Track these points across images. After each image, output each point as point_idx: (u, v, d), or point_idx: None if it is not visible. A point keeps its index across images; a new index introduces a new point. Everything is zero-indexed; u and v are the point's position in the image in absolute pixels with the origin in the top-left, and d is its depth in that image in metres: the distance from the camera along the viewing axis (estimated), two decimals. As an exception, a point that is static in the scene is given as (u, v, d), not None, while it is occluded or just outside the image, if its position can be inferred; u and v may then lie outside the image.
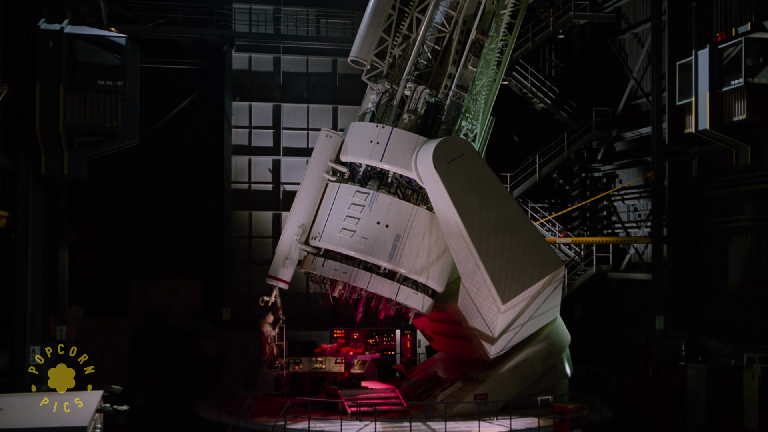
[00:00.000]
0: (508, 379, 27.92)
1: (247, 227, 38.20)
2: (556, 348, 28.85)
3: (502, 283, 25.92)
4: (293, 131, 38.73)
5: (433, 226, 27.38)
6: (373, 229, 26.87)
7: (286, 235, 28.30)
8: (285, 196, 38.32)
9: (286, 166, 38.57)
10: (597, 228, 39.60)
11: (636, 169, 37.07)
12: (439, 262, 27.68)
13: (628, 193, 37.78)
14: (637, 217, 37.14)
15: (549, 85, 39.91)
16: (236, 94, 37.87)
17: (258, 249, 38.25)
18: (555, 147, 38.44)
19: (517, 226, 26.66)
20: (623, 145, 38.31)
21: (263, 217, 38.41)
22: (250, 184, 38.29)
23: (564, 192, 41.51)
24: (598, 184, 39.70)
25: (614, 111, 38.14)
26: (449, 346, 30.53)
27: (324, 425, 25.47)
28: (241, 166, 38.23)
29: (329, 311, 37.27)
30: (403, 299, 27.24)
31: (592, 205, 39.83)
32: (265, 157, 38.40)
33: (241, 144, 38.18)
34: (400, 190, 28.12)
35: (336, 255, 27.40)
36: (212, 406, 28.10)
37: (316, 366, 29.91)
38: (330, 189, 28.33)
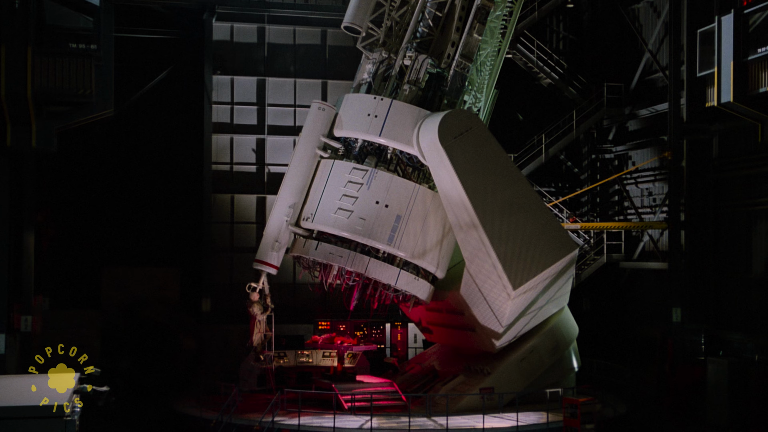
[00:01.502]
0: (514, 372, 27.92)
1: (229, 212, 38.00)
2: (564, 340, 28.90)
3: (512, 267, 25.76)
4: (279, 108, 38.51)
5: (435, 207, 27.19)
6: (372, 210, 26.64)
7: (274, 216, 28.00)
8: (270, 178, 38.10)
9: (271, 145, 38.33)
10: (608, 214, 39.48)
11: (651, 149, 36.94)
12: (441, 245, 27.51)
13: (642, 175, 37.63)
14: (652, 202, 36.99)
15: (556, 59, 39.74)
16: (217, 67, 37.64)
17: (241, 235, 38.05)
18: (562, 126, 38.32)
19: (528, 206, 26.49)
20: (637, 123, 38.13)
21: (246, 201, 38.18)
22: (231, 165, 38.10)
23: (572, 175, 41.36)
24: (609, 167, 39.57)
25: (627, 87, 38.01)
26: (448, 337, 30.43)
27: (320, 421, 25.28)
28: (223, 145, 37.99)
29: (316, 303, 37.21)
30: (403, 285, 27.02)
31: (603, 188, 39.68)
32: (249, 135, 38.21)
33: (222, 121, 37.95)
34: (400, 168, 27.86)
35: (330, 237, 27.15)
36: (192, 401, 27.93)
37: (302, 360, 29.79)
38: (323, 166, 28.04)
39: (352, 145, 28.13)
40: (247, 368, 28.85)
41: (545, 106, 40.19)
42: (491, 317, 27.03)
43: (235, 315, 36.28)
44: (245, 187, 38.14)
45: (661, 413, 31.27)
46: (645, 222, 36.29)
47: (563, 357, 28.90)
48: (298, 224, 27.91)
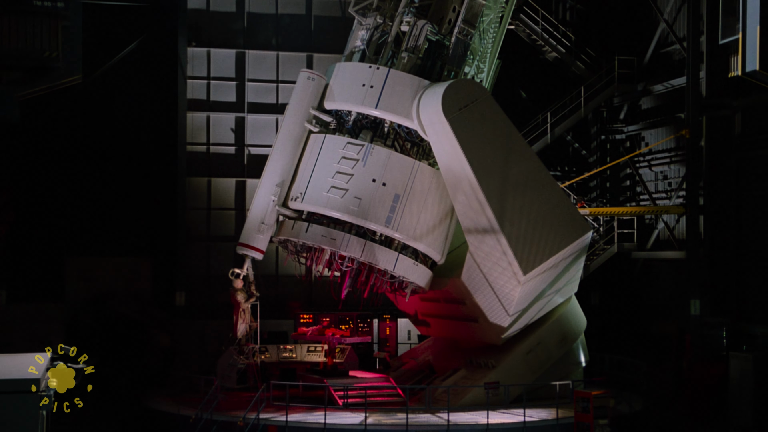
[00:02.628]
0: (520, 365, 28.11)
1: (206, 197, 37.85)
2: (572, 331, 29.10)
3: (523, 250, 25.77)
4: (260, 84, 38.36)
5: (436, 185, 27.16)
6: (368, 188, 26.58)
7: (260, 196, 27.92)
8: (251, 160, 37.93)
9: (251, 124, 38.16)
10: (618, 200, 39.28)
11: (666, 128, 36.74)
12: (442, 227, 27.55)
13: (656, 157, 37.44)
14: (667, 187, 36.83)
15: (563, 31, 39.47)
16: (192, 38, 37.43)
17: (218, 223, 37.88)
18: (569, 104, 38.02)
19: (539, 184, 26.53)
20: (651, 101, 37.95)
21: (224, 186, 38.02)
22: (208, 145, 37.96)
23: (580, 157, 41.13)
24: (620, 148, 39.36)
25: (640, 61, 37.78)
26: (446, 330, 30.46)
27: (313, 417, 25.14)
28: (198, 124, 37.76)
29: (301, 295, 37.18)
30: (401, 271, 26.95)
31: (613, 172, 39.47)
32: (227, 114, 38.08)
33: (197, 98, 37.76)
34: (398, 143, 27.77)
35: (322, 219, 27.01)
36: (168, 399, 27.99)
37: (286, 355, 29.84)
38: (313, 141, 27.93)
39: (345, 119, 28.01)
40: (226, 364, 28.70)
41: (550, 83, 39.91)
42: (497, 306, 27.05)
43: (212, 309, 36.29)
44: (223, 170, 37.98)
45: (678, 412, 31.06)
46: (660, 206, 36.06)
47: (570, 351, 29.06)
48: (285, 205, 27.74)
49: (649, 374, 30.78)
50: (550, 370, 28.41)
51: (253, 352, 28.27)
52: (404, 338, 36.18)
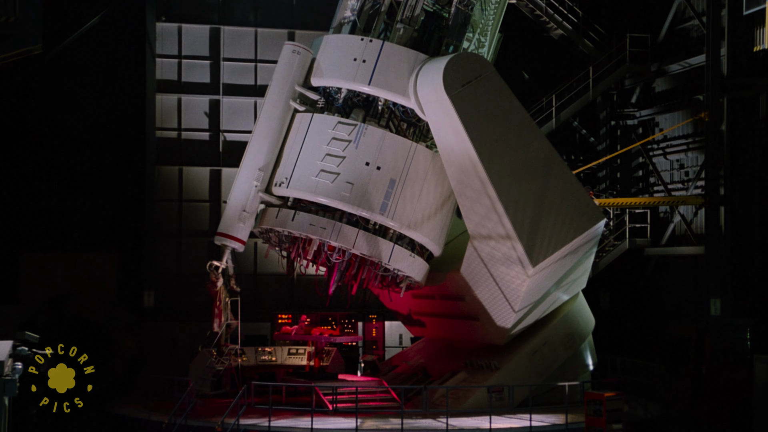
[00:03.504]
0: (526, 367, 28.21)
1: (177, 187, 37.78)
2: (580, 330, 29.32)
3: (531, 239, 25.73)
4: (237, 63, 38.32)
5: (434, 170, 27.15)
6: (361, 172, 26.51)
7: (241, 181, 27.70)
8: (226, 147, 37.86)
9: (227, 108, 38.13)
10: (630, 192, 39.40)
11: (683, 112, 36.88)
12: (440, 216, 27.57)
13: (671, 144, 37.59)
14: (684, 176, 37.01)
15: (569, 6, 39.51)
16: (161, 12, 37.30)
17: (191, 216, 37.82)
18: (576, 86, 38.09)
19: (548, 168, 26.52)
20: (666, 82, 38.09)
21: (198, 175, 37.96)
22: (180, 131, 37.90)
23: (587, 144, 41.27)
24: (632, 135, 39.48)
25: (654, 38, 37.95)
26: (443, 329, 30.51)
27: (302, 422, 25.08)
28: (169, 107, 37.69)
29: (282, 295, 37.14)
30: (397, 264, 26.85)
31: (624, 160, 39.63)
32: (200, 96, 38.02)
33: (168, 79, 37.71)
34: (393, 123, 27.63)
35: (310, 206, 26.88)
36: (138, 405, 27.94)
37: (264, 358, 29.80)
38: (299, 121, 27.78)
39: (334, 97, 27.89)
40: (202, 366, 28.49)
41: (556, 63, 40.03)
42: (501, 302, 27.06)
43: (184, 311, 36.23)
44: (196, 158, 37.88)
45: (698, 420, 31.17)
46: (677, 197, 36.15)
47: (577, 353, 29.28)
48: (268, 191, 27.64)
49: (666, 378, 30.86)
50: (555, 374, 28.53)
51: (233, 353, 28.07)
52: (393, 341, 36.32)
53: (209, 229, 37.10)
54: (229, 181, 36.05)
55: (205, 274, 35.70)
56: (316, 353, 29.30)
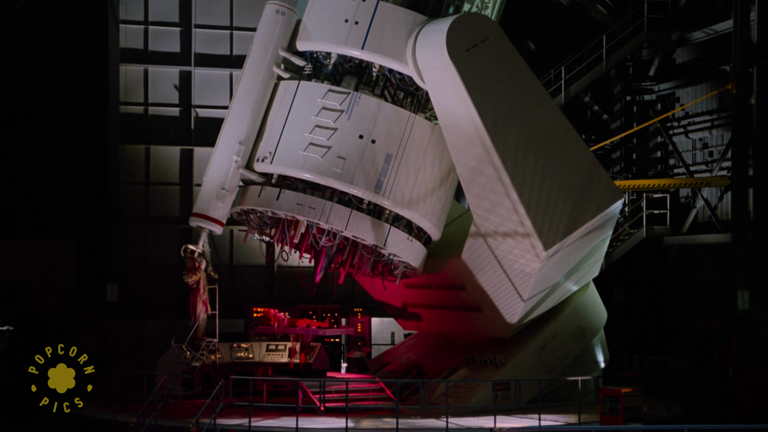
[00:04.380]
0: (534, 362, 28.47)
1: (143, 169, 37.84)
2: (591, 323, 29.56)
3: (543, 220, 25.74)
4: (210, 31, 38.34)
5: (434, 144, 27.26)
6: (355, 146, 26.51)
7: (219, 156, 27.69)
8: (199, 125, 37.89)
9: (200, 81, 38.15)
10: (647, 175, 39.45)
11: (707, 85, 36.93)
12: (440, 196, 27.68)
13: (694, 121, 37.62)
14: (708, 157, 37.06)
15: (581, -33, 39.59)
16: (125, -29, 37.43)
17: (159, 201, 37.86)
18: (588, 57, 38.03)
19: (562, 141, 26.52)
20: (687, 52, 38.14)
21: (167, 155, 38.01)
22: (146, 106, 37.93)
23: (600, 122, 41.25)
24: (649, 111, 39.46)
25: (675, 3, 37.94)
26: (440, 323, 30.68)
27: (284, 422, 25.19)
28: (134, 79, 37.73)
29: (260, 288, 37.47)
30: (393, 248, 26.89)
31: (641, 140, 39.62)
32: (170, 67, 38.06)
33: (133, 47, 37.72)
34: (389, 92, 27.56)
35: (297, 183, 26.82)
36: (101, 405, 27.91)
37: (240, 355, 29.93)
38: (283, 89, 27.72)
39: (323, 62, 27.87)
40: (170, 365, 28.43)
41: (565, 31, 40.07)
42: (508, 290, 27.22)
43: (151, 306, 36.46)
44: (165, 136, 37.95)
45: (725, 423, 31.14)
46: (700, 178, 36.13)
47: (587, 348, 29.55)
48: (250, 167, 27.63)
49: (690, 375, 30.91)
50: (564, 372, 28.74)
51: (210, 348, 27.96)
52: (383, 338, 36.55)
53: (180, 215, 37.22)
54: (202, 162, 36.38)
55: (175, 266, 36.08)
56: (301, 348, 29.22)
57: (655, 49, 38.89)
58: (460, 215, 30.54)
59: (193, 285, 28.15)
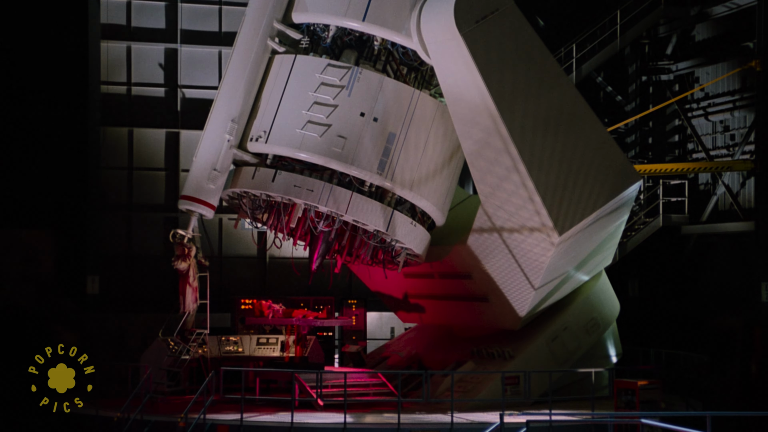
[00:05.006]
0: (545, 355, 28.70)
1: (126, 153, 37.84)
2: (604, 314, 29.84)
3: (557, 203, 25.89)
4: (198, 6, 38.39)
5: (439, 123, 27.35)
6: (356, 124, 26.58)
7: (210, 135, 27.68)
8: (186, 106, 37.94)
9: (186, 59, 38.22)
10: (664, 160, 39.42)
11: (728, 64, 36.97)
12: (444, 178, 27.75)
13: (714, 102, 37.70)
14: (729, 141, 37.14)
15: (593, -63, 39.74)
16: (106, -59, 37.41)
17: (143, 187, 37.91)
18: (601, 34, 38.15)
19: (577, 119, 26.73)
20: (708, 28, 38.21)
21: (151, 138, 38.08)
22: (129, 86, 37.95)
23: (614, 103, 41.30)
24: (666, 92, 39.51)
25: (694, -25, 38.05)
26: (443, 314, 30.79)
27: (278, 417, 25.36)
28: (116, 57, 37.68)
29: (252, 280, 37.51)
30: (396, 233, 26.92)
31: (657, 122, 39.73)
32: (155, 45, 38.11)
33: (115, 23, 37.65)
34: (391, 67, 27.65)
35: (294, 164, 26.87)
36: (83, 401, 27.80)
37: (229, 349, 30.05)
38: (279, 64, 27.74)
39: (321, 35, 27.87)
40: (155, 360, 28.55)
41: (576, 7, 40.14)
42: (517, 278, 27.36)
43: (134, 299, 36.45)
44: (149, 118, 37.97)
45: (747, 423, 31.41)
46: (721, 161, 36.19)
47: (600, 340, 29.82)
48: (243, 147, 27.65)
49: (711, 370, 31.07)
50: (575, 366, 28.95)
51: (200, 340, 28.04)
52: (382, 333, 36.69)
53: (165, 202, 37.32)
54: (189, 147, 36.53)
55: (161, 257, 36.23)
56: (297, 340, 29.33)
57: (673, 25, 38.95)
58: (462, 200, 30.68)
59: (183, 272, 28.18)
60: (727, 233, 36.55)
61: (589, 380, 27.68)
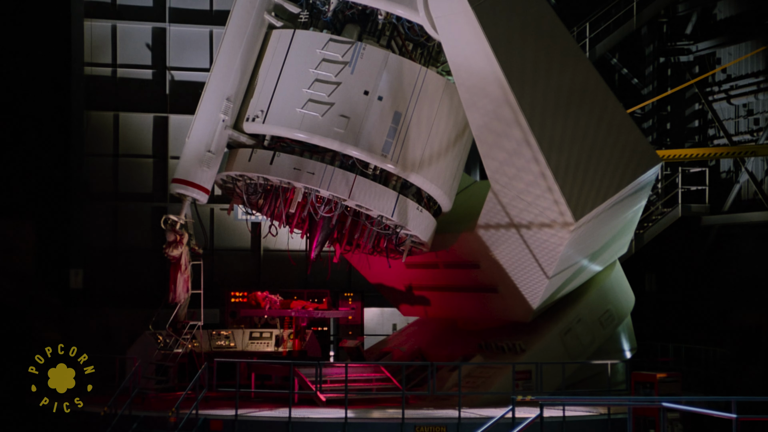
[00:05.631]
0: (558, 349, 28.85)
1: (111, 138, 37.90)
2: (619, 306, 30.01)
3: (573, 187, 25.88)
4: (188, -18, 38.54)
5: (446, 102, 27.38)
6: (359, 103, 26.58)
7: (204, 115, 27.67)
8: (175, 89, 38.09)
9: (175, 39, 38.34)
10: (683, 146, 39.46)
11: (751, 43, 37.10)
12: (451, 161, 27.79)
13: (737, 85, 37.81)
14: (753, 125, 37.20)
15: None
16: None
17: (130, 175, 38.03)
18: (615, 13, 38.35)
19: (593, 98, 26.70)
20: (730, 5, 38.37)
21: (138, 123, 38.20)
22: (115, 67, 38.04)
23: (630, 86, 41.39)
24: (686, 74, 39.58)
25: (715, -50, 38.18)
26: (448, 307, 30.94)
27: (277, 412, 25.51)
28: (101, 37, 37.77)
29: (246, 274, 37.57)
30: (402, 219, 26.93)
31: (676, 107, 39.88)
32: (141, 24, 38.22)
33: (99, 0, 37.66)
34: (396, 43, 27.65)
35: (293, 146, 26.86)
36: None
37: (220, 343, 30.19)
38: (276, 39, 27.72)
39: (321, 9, 27.88)
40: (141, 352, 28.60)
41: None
42: (530, 267, 27.41)
43: (120, 294, 36.51)
44: (136, 101, 38.10)
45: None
46: (745, 146, 36.23)
47: (613, 334, 30.00)
48: (238, 128, 27.62)
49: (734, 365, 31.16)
50: (593, 358, 29.11)
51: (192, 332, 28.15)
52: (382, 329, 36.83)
53: (153, 192, 37.46)
54: (178, 132, 36.63)
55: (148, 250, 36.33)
56: (296, 333, 29.34)
57: (693, 2, 39.08)
58: (466, 187, 30.73)
59: (174, 260, 28.23)
60: (750, 223, 36.66)
61: (603, 376, 27.85)
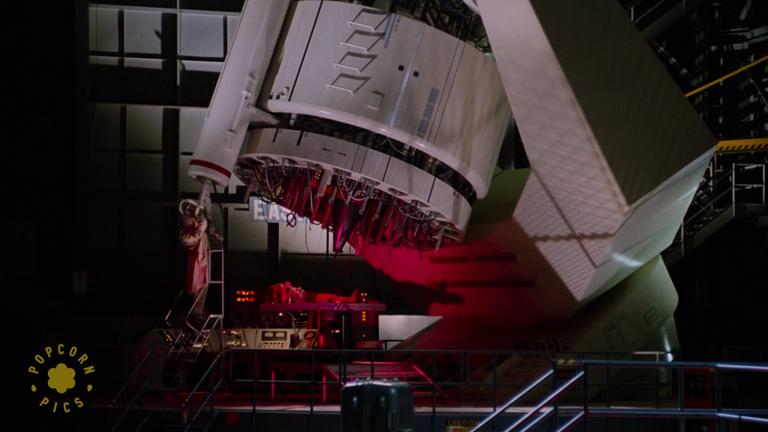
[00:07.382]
0: (603, 347, 28.97)
1: (118, 133, 38.11)
2: (664, 303, 30.33)
3: (626, 168, 25.90)
4: (201, -38, 38.83)
5: (486, 79, 27.45)
6: (394, 79, 26.62)
7: (225, 92, 27.76)
8: (186, 79, 38.29)
9: (187, 26, 38.60)
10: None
11: (811, 29, 37.28)
12: (490, 143, 27.97)
13: (795, 74, 37.93)
14: (813, 117, 37.30)
15: None
16: None
17: (138, 171, 38.25)
18: (660, -1, 38.62)
19: (646, 76, 26.68)
20: (787, -11, 38.43)
21: (147, 116, 38.43)
22: (122, 57, 38.28)
23: (679, 76, 41.26)
24: (740, 63, 39.69)
25: (772, -73, 38.36)
26: (479, 304, 30.99)
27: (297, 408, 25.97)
28: (107, 23, 38.04)
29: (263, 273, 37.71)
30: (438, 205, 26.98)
31: (729, 98, 40.05)
32: (150, 9, 38.51)
33: (105, -17, 38.04)
34: (431, 15, 27.74)
35: (322, 125, 26.91)
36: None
37: (232, 344, 30.24)
38: (302, 10, 27.77)
39: (350, -21, 28.07)
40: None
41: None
42: (575, 256, 27.56)
43: (127, 298, 36.71)
44: (145, 93, 38.35)
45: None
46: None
47: (656, 333, 30.27)
48: (261, 106, 27.65)
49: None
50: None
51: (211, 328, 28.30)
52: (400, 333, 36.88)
53: (163, 189, 37.65)
54: (189, 126, 36.94)
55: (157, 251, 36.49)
56: (321, 329, 29.68)
57: (747, -14, 39.39)
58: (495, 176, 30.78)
59: (191, 248, 28.34)
60: (811, 224, 36.74)
61: (651, 376, 28.14)
